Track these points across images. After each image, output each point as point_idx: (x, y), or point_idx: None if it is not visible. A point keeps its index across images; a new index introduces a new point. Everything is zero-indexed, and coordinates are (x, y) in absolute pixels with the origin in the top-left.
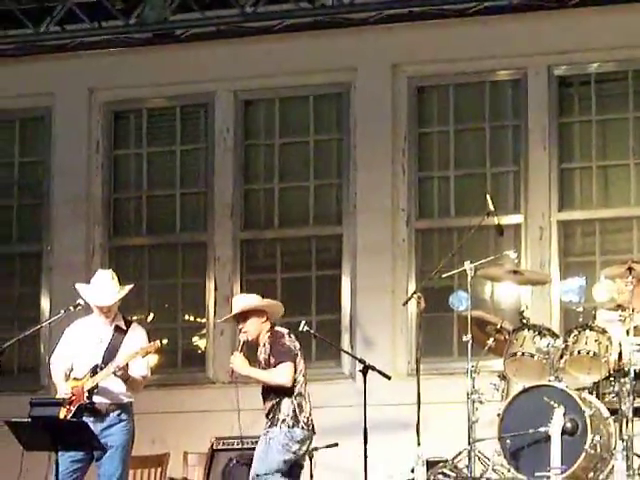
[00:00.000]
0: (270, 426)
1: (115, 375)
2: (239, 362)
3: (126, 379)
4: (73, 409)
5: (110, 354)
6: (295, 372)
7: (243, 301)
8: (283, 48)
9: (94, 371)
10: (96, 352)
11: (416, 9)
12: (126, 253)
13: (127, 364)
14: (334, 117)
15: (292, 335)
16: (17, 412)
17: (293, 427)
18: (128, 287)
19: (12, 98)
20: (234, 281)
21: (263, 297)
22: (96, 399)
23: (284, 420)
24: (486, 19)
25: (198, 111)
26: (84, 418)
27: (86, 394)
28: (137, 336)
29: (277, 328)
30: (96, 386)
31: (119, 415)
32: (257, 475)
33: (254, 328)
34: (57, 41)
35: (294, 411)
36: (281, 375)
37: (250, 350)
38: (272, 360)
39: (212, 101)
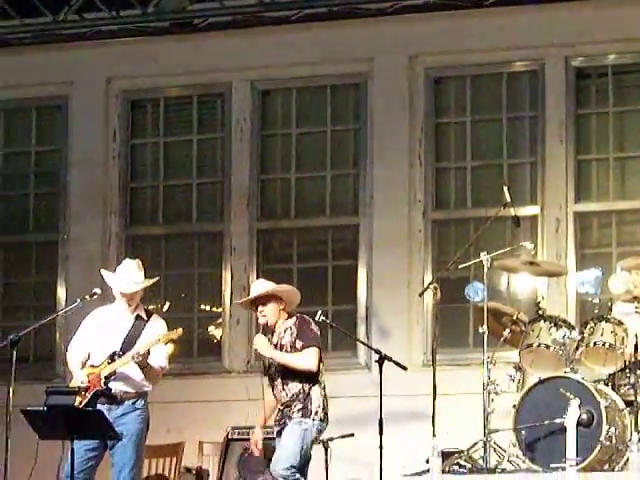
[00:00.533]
0: (303, 416)
1: (134, 361)
2: (263, 343)
3: (144, 367)
4: (89, 396)
5: (129, 342)
6: (321, 360)
7: (263, 285)
8: (300, 38)
9: (112, 358)
10: (115, 340)
11: (433, 0)
12: (142, 242)
13: (148, 351)
14: (351, 107)
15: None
16: (33, 401)
17: (322, 421)
18: (154, 279)
19: (29, 87)
20: (250, 271)
21: None
22: (112, 385)
23: (317, 412)
24: (503, 10)
25: (215, 100)
26: (99, 405)
27: (103, 380)
28: (157, 326)
29: (302, 315)
30: (114, 372)
31: (134, 403)
32: (291, 466)
33: (273, 313)
34: (75, 30)
35: (324, 403)
36: (308, 359)
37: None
38: (298, 344)
39: (229, 90)
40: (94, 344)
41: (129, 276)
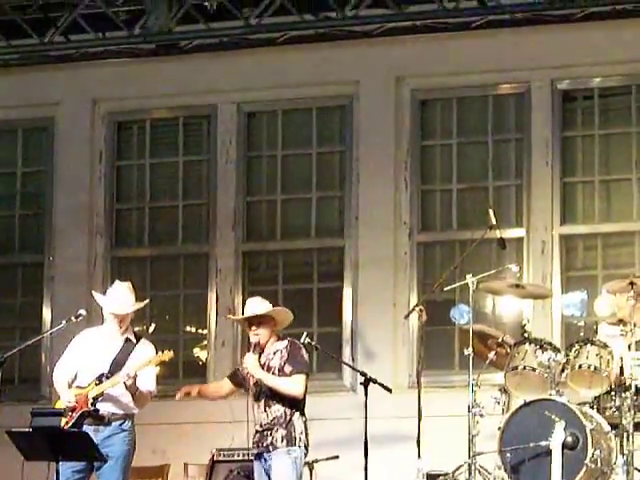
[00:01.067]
0: (288, 444)
1: (125, 386)
2: (253, 363)
3: (134, 392)
4: (76, 416)
5: (117, 364)
6: (306, 387)
7: (261, 305)
8: (286, 60)
9: (99, 379)
10: (103, 361)
11: (419, 22)
12: (128, 264)
13: (136, 374)
14: (337, 129)
15: None
16: (18, 422)
17: (306, 447)
18: (145, 301)
19: (15, 108)
20: (236, 292)
21: None
22: (100, 406)
23: (300, 439)
24: (489, 32)
25: (201, 122)
26: (85, 426)
27: (90, 401)
28: (146, 349)
29: (293, 339)
30: (101, 394)
31: (121, 425)
32: None
33: (266, 333)
34: (61, 51)
35: (305, 429)
36: (296, 385)
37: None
38: (287, 368)
39: (215, 112)
40: (82, 365)
41: (122, 298)
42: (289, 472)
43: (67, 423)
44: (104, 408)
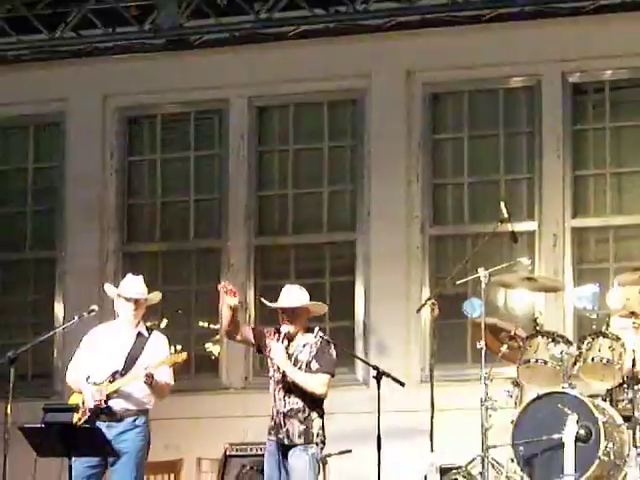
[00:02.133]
0: (306, 441)
1: (144, 383)
2: (281, 353)
3: (151, 384)
4: (89, 413)
5: (131, 360)
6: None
7: (299, 294)
8: (297, 55)
9: (113, 376)
10: (116, 357)
11: (430, 16)
12: (140, 259)
13: (152, 373)
14: (348, 124)
15: None
16: (30, 418)
17: (323, 443)
18: (158, 294)
19: (26, 104)
20: (248, 287)
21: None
22: (113, 403)
23: (318, 434)
24: (500, 26)
25: (212, 117)
26: (99, 422)
27: (104, 398)
28: (159, 343)
29: (324, 335)
30: (116, 390)
31: (134, 421)
32: None
33: (301, 325)
34: (72, 47)
35: (323, 427)
36: (320, 385)
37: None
38: (314, 365)
39: (226, 107)
40: (95, 361)
41: (136, 285)
42: (306, 470)
43: (80, 419)
44: (118, 404)
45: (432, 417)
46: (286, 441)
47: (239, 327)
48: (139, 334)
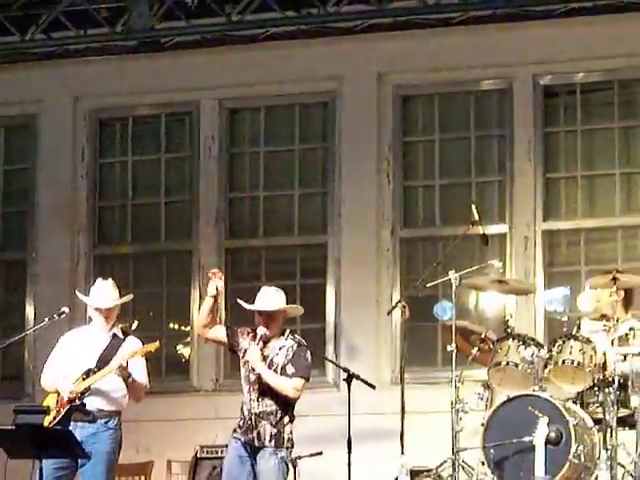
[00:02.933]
0: (276, 445)
1: (119, 375)
2: (257, 356)
3: (127, 377)
4: (63, 411)
5: (105, 359)
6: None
7: (276, 296)
8: (269, 57)
9: (87, 374)
10: (90, 357)
11: (401, 18)
12: (111, 261)
13: (127, 364)
14: (319, 126)
15: None
16: (1, 420)
17: (292, 447)
18: (129, 296)
19: None
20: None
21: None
22: (87, 401)
23: (289, 439)
24: (471, 28)
25: (183, 119)
26: (72, 423)
27: (79, 393)
28: (134, 345)
29: (300, 338)
30: (88, 388)
31: (106, 423)
32: None
33: (278, 328)
34: (43, 49)
35: (292, 434)
36: (295, 389)
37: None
38: (290, 369)
39: (197, 109)
40: (69, 363)
41: (106, 293)
42: (275, 473)
43: (54, 418)
44: (91, 403)
45: (402, 419)
46: (257, 442)
47: (214, 320)
48: (114, 335)
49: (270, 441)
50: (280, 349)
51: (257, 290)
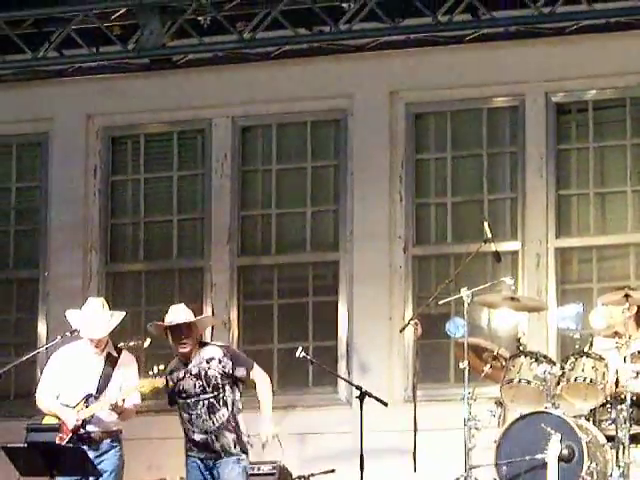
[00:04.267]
0: (241, 450)
1: (113, 410)
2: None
3: (120, 412)
4: (66, 437)
5: (104, 383)
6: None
7: (188, 313)
8: (281, 74)
9: (87, 400)
10: (88, 381)
11: (413, 36)
12: (123, 279)
13: (124, 401)
14: (331, 143)
15: None
16: (13, 437)
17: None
18: (120, 315)
19: (9, 123)
20: (231, 307)
21: (258, 323)
22: (89, 428)
23: (247, 441)
24: (484, 45)
25: (195, 137)
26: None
27: (81, 422)
28: (128, 364)
29: (222, 343)
30: (91, 416)
31: (112, 442)
32: None
33: (194, 343)
34: (55, 66)
35: (245, 428)
36: (265, 379)
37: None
38: (239, 371)
39: (209, 127)
40: (66, 383)
41: (95, 319)
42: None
43: (62, 439)
44: (93, 429)
45: (415, 437)
46: (222, 454)
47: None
48: (108, 355)
49: (235, 447)
50: (209, 361)
51: (269, 308)
